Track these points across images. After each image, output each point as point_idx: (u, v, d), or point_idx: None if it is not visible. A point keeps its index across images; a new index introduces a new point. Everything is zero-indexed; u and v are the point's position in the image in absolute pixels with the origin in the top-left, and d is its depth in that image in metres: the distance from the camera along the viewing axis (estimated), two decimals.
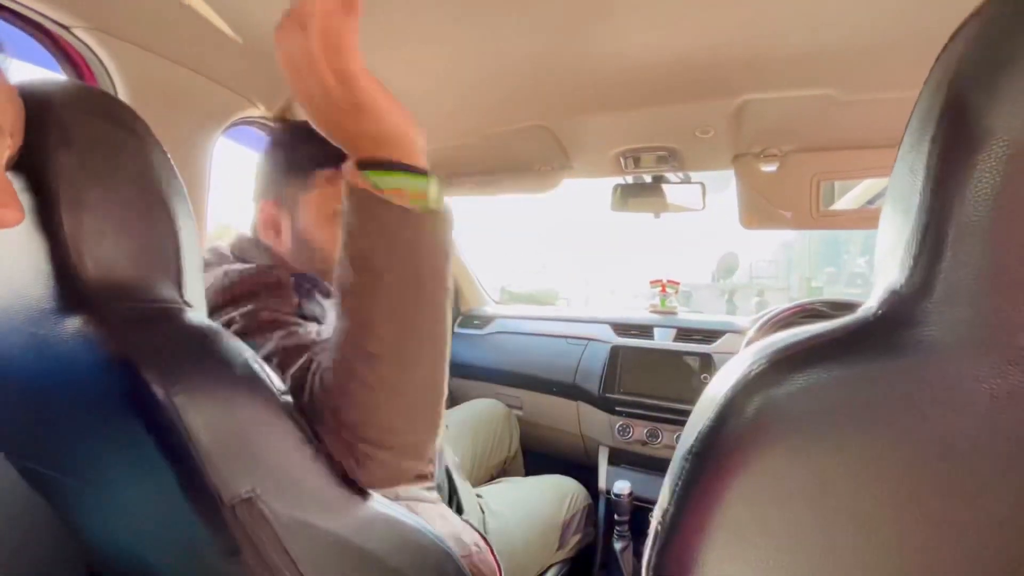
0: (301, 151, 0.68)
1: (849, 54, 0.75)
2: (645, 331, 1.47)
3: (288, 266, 0.68)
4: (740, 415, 0.26)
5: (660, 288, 1.56)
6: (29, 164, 0.35)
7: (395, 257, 0.42)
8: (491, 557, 0.75)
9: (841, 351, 0.24)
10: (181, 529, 0.39)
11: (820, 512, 0.25)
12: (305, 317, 0.58)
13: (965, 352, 0.21)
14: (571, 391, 1.49)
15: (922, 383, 0.21)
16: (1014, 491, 0.20)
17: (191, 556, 0.42)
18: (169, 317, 0.38)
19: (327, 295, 0.65)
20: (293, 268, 0.66)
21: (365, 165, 0.41)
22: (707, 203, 1.27)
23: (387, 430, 0.44)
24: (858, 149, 0.93)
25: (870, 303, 0.25)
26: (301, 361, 0.49)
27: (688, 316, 1.52)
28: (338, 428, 0.44)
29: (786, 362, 0.26)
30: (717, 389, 0.28)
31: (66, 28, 0.71)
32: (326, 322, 0.61)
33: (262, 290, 0.58)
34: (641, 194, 1.30)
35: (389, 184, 0.40)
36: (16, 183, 0.35)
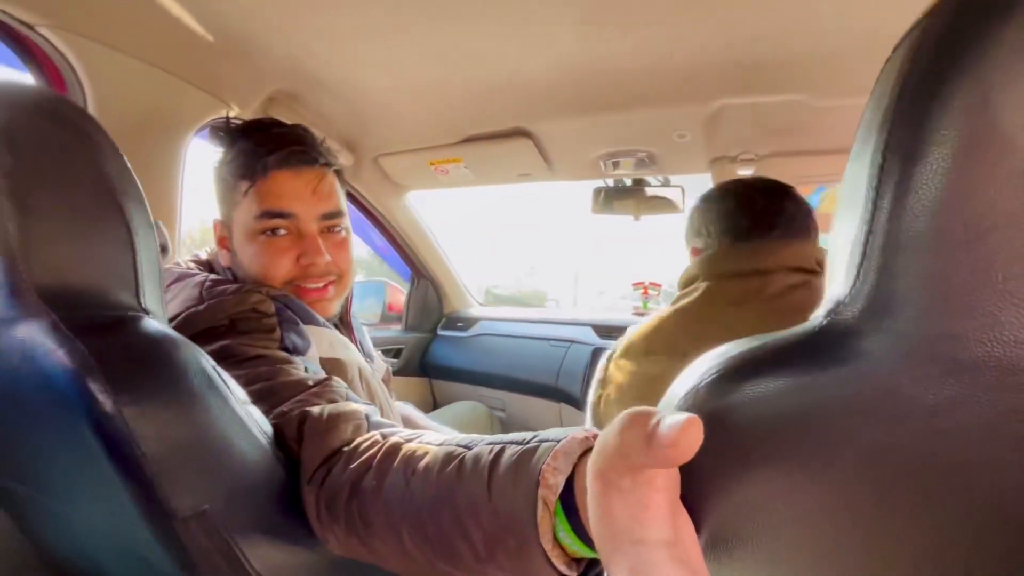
0: (230, 163, 0.65)
1: (819, 61, 0.76)
2: None
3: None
4: None
5: (642, 290, 1.57)
6: None
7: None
8: None
9: (789, 360, 0.25)
10: (136, 542, 0.38)
11: (767, 519, 0.25)
12: (287, 349, 0.56)
13: (904, 363, 0.21)
14: (553, 393, 1.50)
15: (861, 392, 0.22)
16: (947, 498, 0.20)
17: (148, 570, 0.41)
18: (123, 325, 0.37)
19: (308, 321, 0.62)
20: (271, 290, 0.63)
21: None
22: (687, 206, 1.28)
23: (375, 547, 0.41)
24: (831, 153, 0.95)
25: (818, 312, 0.26)
26: (284, 408, 0.47)
27: None
28: (316, 490, 0.42)
29: (736, 372, 0.26)
30: (670, 398, 0.28)
31: (30, 27, 0.69)
32: (308, 353, 0.58)
33: (241, 321, 0.56)
34: (622, 197, 1.30)
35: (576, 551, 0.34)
36: None
